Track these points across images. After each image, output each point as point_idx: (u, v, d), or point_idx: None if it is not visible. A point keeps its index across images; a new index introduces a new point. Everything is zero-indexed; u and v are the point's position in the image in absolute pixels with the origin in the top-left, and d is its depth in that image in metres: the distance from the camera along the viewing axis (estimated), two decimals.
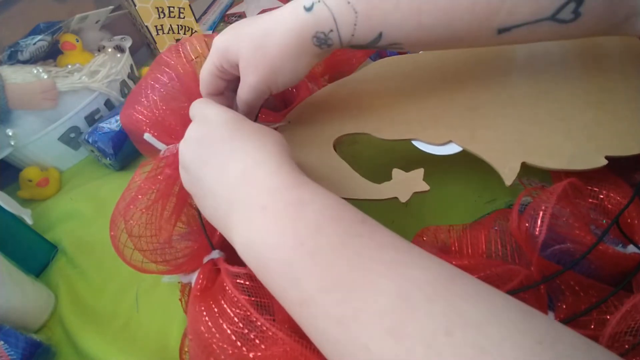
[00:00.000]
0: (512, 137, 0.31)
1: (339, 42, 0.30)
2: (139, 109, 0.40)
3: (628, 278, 0.24)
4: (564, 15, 0.25)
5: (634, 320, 0.20)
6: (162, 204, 0.33)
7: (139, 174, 0.36)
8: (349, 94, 0.40)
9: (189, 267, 0.32)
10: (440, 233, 0.29)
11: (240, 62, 0.32)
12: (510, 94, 0.34)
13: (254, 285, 0.25)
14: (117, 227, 0.32)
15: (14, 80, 0.54)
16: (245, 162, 0.26)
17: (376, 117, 0.37)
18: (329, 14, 0.29)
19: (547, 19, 0.26)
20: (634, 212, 0.27)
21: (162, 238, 0.32)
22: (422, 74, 0.38)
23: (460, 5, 0.26)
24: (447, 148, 0.33)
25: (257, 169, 0.25)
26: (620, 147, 0.29)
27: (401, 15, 0.28)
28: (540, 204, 0.25)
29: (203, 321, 0.24)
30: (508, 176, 0.30)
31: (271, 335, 0.23)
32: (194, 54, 0.43)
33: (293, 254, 0.21)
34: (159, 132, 0.38)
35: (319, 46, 0.31)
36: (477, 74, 0.36)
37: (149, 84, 0.41)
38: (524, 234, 0.25)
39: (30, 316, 0.41)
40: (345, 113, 0.38)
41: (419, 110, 0.36)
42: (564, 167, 0.29)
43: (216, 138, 0.28)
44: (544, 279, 0.24)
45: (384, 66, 0.41)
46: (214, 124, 0.29)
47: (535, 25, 0.26)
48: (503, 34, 0.27)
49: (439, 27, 0.28)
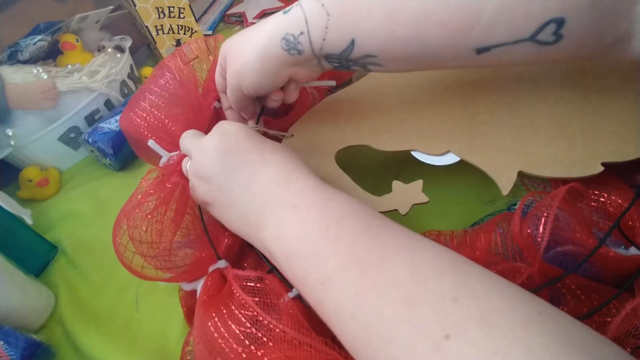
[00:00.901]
0: (509, 145, 0.32)
1: (309, 47, 0.29)
2: (140, 113, 0.40)
3: (630, 280, 0.24)
4: (545, 37, 0.24)
5: (637, 320, 0.20)
6: (164, 209, 0.34)
7: (147, 179, 0.36)
8: (349, 106, 0.40)
9: (192, 275, 0.32)
10: (442, 237, 0.29)
11: (227, 60, 0.34)
12: (507, 102, 0.34)
13: (261, 286, 0.26)
14: (121, 229, 0.32)
15: (14, 80, 0.54)
16: (278, 170, 0.28)
17: (376, 128, 0.37)
18: (302, 14, 0.29)
19: (527, 39, 0.24)
20: (635, 215, 0.27)
21: (163, 244, 0.32)
22: (422, 84, 0.39)
23: (433, 18, 0.25)
24: (446, 158, 0.34)
25: (290, 175, 0.28)
26: (617, 153, 0.29)
27: (374, 23, 0.27)
28: (542, 210, 0.25)
29: (212, 323, 0.25)
30: (505, 185, 0.30)
31: (278, 333, 0.23)
32: (191, 56, 0.43)
33: (319, 237, 0.24)
34: (159, 138, 0.38)
35: (288, 51, 0.30)
36: (474, 82, 0.37)
37: (150, 89, 0.41)
38: (526, 239, 0.25)
39: (30, 316, 0.41)
40: (346, 125, 0.39)
41: (418, 120, 0.36)
42: (561, 175, 0.29)
43: (243, 149, 0.30)
44: (547, 282, 0.24)
45: (384, 76, 0.42)
46: (237, 137, 0.30)
47: (515, 47, 0.25)
48: (483, 55, 0.26)
49: (412, 40, 0.27)
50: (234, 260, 0.33)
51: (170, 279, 0.32)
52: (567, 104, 0.32)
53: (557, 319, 0.17)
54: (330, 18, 0.28)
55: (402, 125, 0.36)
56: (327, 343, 0.23)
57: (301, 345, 0.23)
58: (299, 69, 0.32)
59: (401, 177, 0.35)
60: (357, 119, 0.38)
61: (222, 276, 0.30)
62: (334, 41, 0.28)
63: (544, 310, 0.18)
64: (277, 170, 0.28)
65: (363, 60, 0.29)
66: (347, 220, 0.24)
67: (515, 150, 0.31)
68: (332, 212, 0.24)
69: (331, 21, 0.28)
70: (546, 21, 0.23)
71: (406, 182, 0.34)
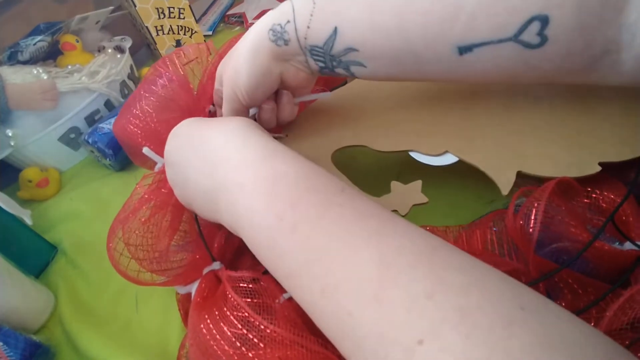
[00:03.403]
0: (507, 146, 0.32)
1: (295, 36, 0.29)
2: (133, 120, 0.40)
3: (626, 275, 0.24)
4: (529, 38, 0.23)
5: (632, 311, 0.20)
6: (161, 215, 0.34)
7: (142, 185, 0.36)
8: (346, 106, 0.40)
9: (187, 278, 0.31)
10: (438, 234, 0.29)
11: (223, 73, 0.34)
12: (504, 102, 0.34)
13: (255, 287, 0.26)
14: (116, 236, 0.32)
15: (14, 81, 0.54)
16: (215, 147, 0.27)
17: (373, 128, 0.37)
18: (290, 5, 0.29)
19: (510, 39, 0.23)
20: (628, 210, 0.27)
21: (159, 247, 0.32)
22: (419, 84, 0.38)
23: (413, 6, 0.25)
24: (444, 159, 0.33)
25: (225, 149, 0.26)
26: (613, 152, 0.29)
27: (356, 10, 0.27)
28: (533, 202, 0.25)
29: (205, 326, 0.25)
30: (505, 186, 0.30)
31: (269, 334, 0.23)
32: (184, 61, 0.43)
33: (275, 230, 0.21)
34: (153, 144, 0.38)
35: (275, 42, 0.30)
36: None
37: (142, 95, 0.41)
38: (520, 232, 0.25)
39: (30, 317, 0.41)
40: (342, 125, 0.38)
41: (416, 120, 0.36)
42: (560, 175, 0.29)
43: (186, 142, 0.30)
44: (542, 276, 0.24)
45: None
46: (181, 134, 0.31)
47: (499, 47, 0.24)
48: (466, 56, 0.25)
49: (392, 30, 0.26)
50: (230, 261, 0.33)
51: (165, 283, 0.31)
52: (564, 104, 0.32)
53: (543, 313, 0.16)
54: (315, 6, 0.28)
55: (400, 125, 0.36)
56: (321, 342, 0.23)
57: (293, 346, 0.23)
58: (288, 66, 0.32)
59: (400, 178, 0.35)
60: (353, 119, 0.38)
61: (217, 278, 0.30)
62: (317, 30, 0.29)
63: (528, 304, 0.16)
64: (214, 147, 0.27)
65: (346, 56, 0.29)
66: (301, 205, 0.21)
67: (513, 151, 0.31)
68: (281, 198, 0.22)
69: (316, 8, 0.28)
70: (529, 17, 0.22)
71: (405, 182, 0.34)
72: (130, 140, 0.40)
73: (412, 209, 0.33)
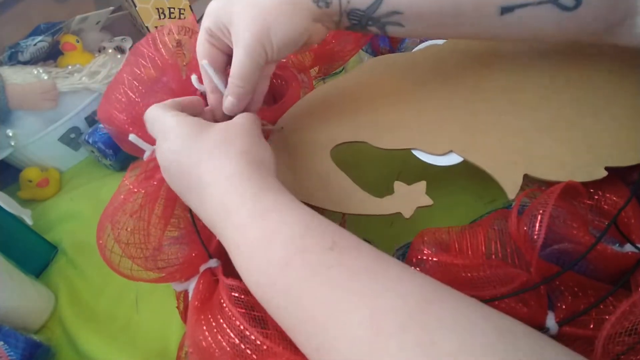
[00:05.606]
0: (512, 146, 0.31)
1: (338, 1, 0.28)
2: (117, 105, 0.38)
3: (626, 277, 0.24)
4: (566, 0, 0.25)
5: (634, 318, 0.20)
6: (151, 207, 0.32)
7: (129, 177, 0.34)
8: (343, 97, 0.38)
9: (184, 275, 0.30)
10: (441, 234, 0.29)
11: (233, 24, 0.30)
12: (509, 98, 0.33)
13: (249, 298, 0.25)
14: (105, 233, 0.30)
15: (15, 81, 0.54)
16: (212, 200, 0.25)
17: (373, 123, 0.36)
18: None
19: (549, 1, 0.25)
20: (630, 212, 0.27)
21: (151, 244, 0.31)
22: (419, 75, 0.37)
23: None
24: (448, 158, 0.32)
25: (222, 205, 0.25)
26: (620, 157, 0.28)
27: None
28: (538, 207, 0.25)
29: (203, 335, 0.24)
30: (511, 189, 0.29)
31: (265, 349, 0.23)
32: (172, 42, 0.40)
33: (269, 292, 0.22)
34: (138, 130, 0.35)
35: (317, 3, 0.29)
36: (476, 80, 0.36)
37: (125, 79, 0.39)
38: (523, 236, 0.25)
39: (30, 316, 0.41)
40: (341, 118, 0.37)
41: (418, 116, 0.35)
42: (565, 179, 0.28)
43: (181, 177, 0.27)
44: (544, 280, 0.24)
45: (378, 66, 0.40)
46: (172, 160, 0.27)
47: (538, 8, 0.25)
48: (505, 15, 0.26)
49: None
50: (227, 257, 0.32)
51: (161, 279, 0.30)
52: (570, 107, 0.32)
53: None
54: None
55: (402, 121, 0.35)
56: None
57: (282, 357, 0.22)
58: (319, 26, 0.31)
59: (402, 177, 0.35)
60: (352, 113, 0.37)
61: (214, 277, 0.29)
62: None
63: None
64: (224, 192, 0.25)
65: (386, 18, 0.28)
66: (292, 268, 0.21)
67: (519, 151, 0.31)
68: (274, 260, 0.22)
69: None
70: None
71: (407, 182, 0.33)
72: (116, 126, 0.38)
73: (416, 211, 0.32)
